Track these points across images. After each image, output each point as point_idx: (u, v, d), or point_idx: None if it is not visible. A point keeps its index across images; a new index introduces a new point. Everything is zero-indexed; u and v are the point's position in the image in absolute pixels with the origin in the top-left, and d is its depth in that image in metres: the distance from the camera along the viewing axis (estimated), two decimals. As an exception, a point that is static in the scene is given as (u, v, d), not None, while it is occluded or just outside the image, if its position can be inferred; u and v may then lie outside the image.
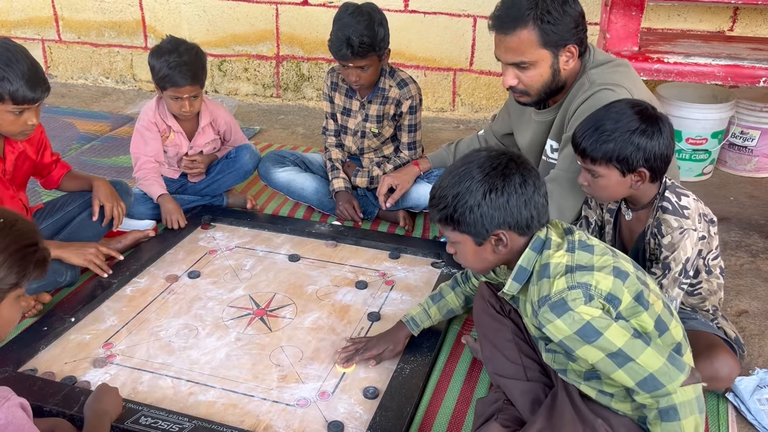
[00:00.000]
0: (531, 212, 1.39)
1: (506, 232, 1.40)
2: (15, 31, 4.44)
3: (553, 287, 1.33)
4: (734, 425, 1.70)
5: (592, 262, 1.35)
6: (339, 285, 2.25)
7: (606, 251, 1.39)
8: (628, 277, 1.35)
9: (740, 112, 3.12)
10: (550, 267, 1.37)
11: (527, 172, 1.40)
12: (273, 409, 1.72)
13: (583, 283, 1.32)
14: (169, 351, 1.93)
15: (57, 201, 2.35)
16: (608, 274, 1.33)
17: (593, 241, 1.42)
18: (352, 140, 2.72)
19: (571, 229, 1.45)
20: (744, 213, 2.82)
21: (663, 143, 1.62)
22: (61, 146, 3.41)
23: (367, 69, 2.47)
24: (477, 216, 1.38)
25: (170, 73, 2.43)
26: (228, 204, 2.79)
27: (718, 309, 1.84)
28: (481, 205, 1.37)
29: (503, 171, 1.38)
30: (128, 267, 2.28)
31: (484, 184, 1.37)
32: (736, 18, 3.40)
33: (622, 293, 1.33)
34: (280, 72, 4.12)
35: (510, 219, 1.38)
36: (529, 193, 1.38)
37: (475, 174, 1.38)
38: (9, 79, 1.85)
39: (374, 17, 2.42)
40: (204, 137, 2.69)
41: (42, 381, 1.75)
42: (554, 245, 1.40)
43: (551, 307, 1.32)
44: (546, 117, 2.06)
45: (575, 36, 1.85)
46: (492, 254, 1.44)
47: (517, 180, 1.38)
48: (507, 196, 1.37)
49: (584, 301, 1.30)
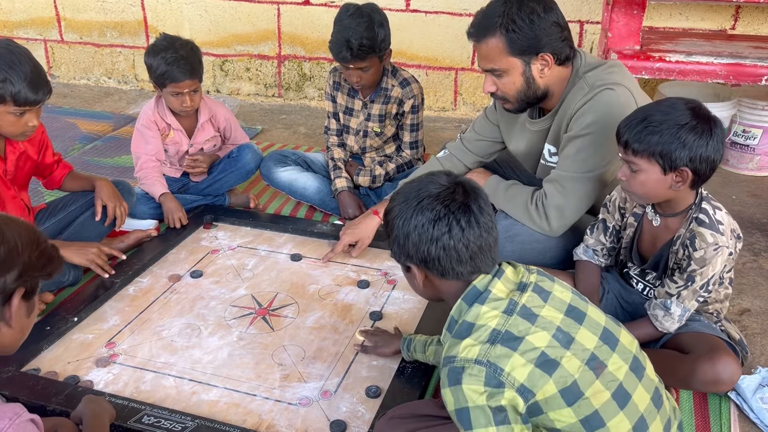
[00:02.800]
0: (438, 253, 1.26)
1: (419, 269, 1.32)
2: (17, 32, 4.45)
3: (462, 352, 1.20)
4: (736, 424, 1.70)
5: (522, 335, 1.19)
6: (341, 284, 2.25)
7: (550, 325, 1.22)
8: (557, 367, 1.19)
9: (742, 111, 3.12)
10: (472, 328, 1.22)
11: (453, 206, 1.26)
12: (275, 408, 1.72)
13: (493, 364, 1.17)
14: (172, 350, 1.94)
15: (59, 201, 2.36)
16: (529, 362, 1.18)
17: (544, 311, 1.24)
18: (355, 139, 2.72)
19: (527, 285, 1.28)
20: (746, 212, 2.81)
21: (712, 146, 1.53)
22: (64, 146, 3.42)
23: (368, 70, 2.47)
24: (402, 243, 1.30)
25: (169, 69, 2.44)
26: (230, 204, 2.80)
27: (721, 312, 1.83)
28: (396, 229, 1.30)
29: (428, 199, 1.28)
30: (131, 267, 2.28)
31: (401, 207, 1.29)
32: (738, 16, 3.40)
33: (540, 387, 1.18)
34: (282, 72, 4.13)
35: (416, 257, 1.29)
36: (438, 233, 1.25)
37: (405, 192, 1.31)
38: (11, 80, 1.86)
39: (374, 19, 2.41)
40: (203, 134, 2.69)
41: (45, 380, 1.76)
42: (490, 300, 1.24)
43: (449, 372, 1.20)
44: (541, 126, 2.05)
45: (548, 45, 1.85)
46: (422, 287, 1.36)
47: (430, 215, 1.26)
48: (414, 227, 1.27)
49: (482, 383, 1.16)
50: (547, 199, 1.96)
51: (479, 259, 1.27)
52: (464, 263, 1.27)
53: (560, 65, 1.91)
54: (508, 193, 2.09)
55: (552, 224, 1.96)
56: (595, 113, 1.86)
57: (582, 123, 1.88)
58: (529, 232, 2.00)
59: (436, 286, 1.34)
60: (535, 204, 1.99)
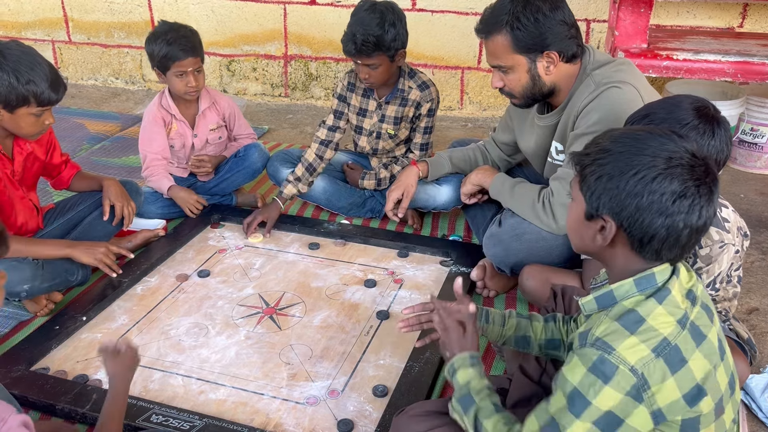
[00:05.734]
0: (659, 230, 1.09)
1: (614, 226, 1.13)
2: (25, 33, 4.47)
3: (624, 349, 1.06)
4: (745, 423, 1.70)
5: (686, 359, 1.06)
6: (348, 283, 2.26)
7: (713, 355, 1.11)
8: (699, 402, 1.08)
9: (750, 109, 3.10)
10: (642, 326, 1.08)
11: (702, 189, 1.09)
12: (283, 407, 1.72)
13: (645, 379, 1.05)
14: (180, 349, 1.94)
15: (68, 201, 2.37)
16: (679, 391, 1.06)
17: (711, 333, 1.11)
18: (367, 140, 2.71)
19: (696, 297, 1.14)
20: (754, 210, 2.80)
21: (714, 146, 1.50)
22: (72, 147, 3.44)
23: (376, 68, 2.45)
24: (602, 185, 1.12)
25: (170, 49, 2.47)
26: (237, 203, 2.81)
27: (729, 311, 1.82)
28: (617, 178, 1.10)
29: (681, 168, 1.09)
30: (139, 266, 2.29)
31: (642, 161, 1.09)
32: (746, 14, 3.38)
33: (674, 416, 1.08)
34: (289, 71, 4.13)
35: (624, 214, 1.11)
36: (677, 209, 1.08)
37: (651, 147, 1.11)
38: (35, 81, 1.88)
39: (386, 17, 2.37)
40: (206, 122, 2.70)
41: (54, 379, 1.77)
42: (669, 303, 1.10)
43: (599, 360, 1.07)
44: (549, 121, 2.06)
45: (554, 43, 1.86)
46: (591, 239, 1.18)
47: (678, 187, 1.07)
48: (651, 191, 1.08)
49: (624, 392, 1.05)
50: (554, 196, 1.96)
51: (686, 249, 1.13)
52: (675, 249, 1.11)
53: (567, 63, 1.92)
54: (515, 191, 2.09)
55: (559, 222, 1.96)
56: (601, 111, 1.86)
57: (588, 121, 1.88)
58: (536, 230, 2.00)
59: (614, 252, 1.16)
60: (542, 202, 1.99)
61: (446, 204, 2.54)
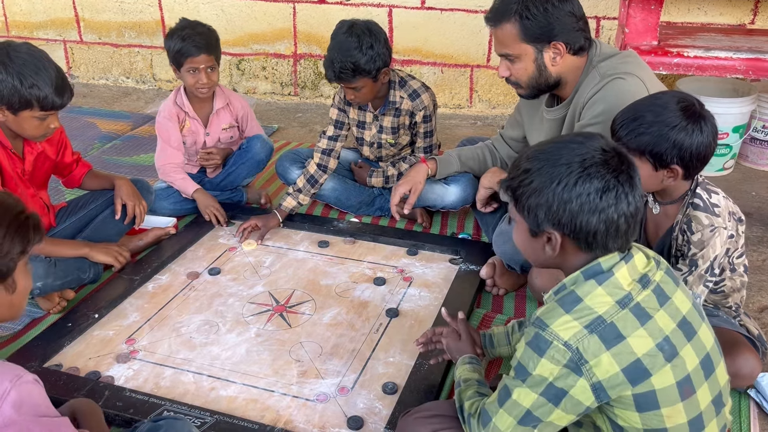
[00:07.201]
0: (598, 226, 1.16)
1: (558, 235, 1.21)
2: (37, 33, 4.50)
3: (556, 326, 1.15)
4: (756, 422, 1.69)
5: (625, 336, 1.13)
6: (357, 281, 2.26)
7: (659, 333, 1.15)
8: (646, 379, 1.14)
9: (762, 106, 3.08)
10: (577, 305, 1.16)
11: (622, 178, 1.17)
12: (293, 404, 1.73)
13: (580, 353, 1.12)
14: (191, 347, 1.96)
15: (80, 199, 2.39)
16: (618, 365, 1.13)
17: (658, 315, 1.16)
18: (369, 150, 2.72)
19: (650, 282, 1.19)
20: (766, 208, 2.78)
21: (702, 143, 1.56)
22: (83, 146, 3.46)
23: (360, 89, 2.41)
24: (534, 202, 1.20)
25: (184, 45, 2.49)
26: (248, 199, 2.83)
27: (740, 306, 1.82)
28: (544, 193, 1.18)
29: (597, 166, 1.16)
30: (150, 264, 2.31)
31: (560, 171, 1.17)
32: (758, 11, 3.36)
33: (618, 392, 1.14)
34: (298, 70, 4.14)
35: (563, 222, 1.18)
36: (606, 203, 1.15)
37: (564, 155, 1.18)
38: (38, 86, 1.89)
39: (363, 41, 2.31)
40: (219, 121, 2.72)
41: (67, 376, 1.79)
42: (609, 284, 1.17)
43: (535, 336, 1.17)
44: (557, 114, 2.06)
45: (561, 34, 1.87)
46: (542, 252, 1.25)
47: (599, 184, 1.15)
48: (577, 195, 1.16)
49: (561, 365, 1.13)
50: None
51: (629, 235, 1.19)
52: (619, 238, 1.18)
53: (574, 54, 1.92)
54: None
55: None
56: (605, 102, 1.86)
57: (593, 112, 1.88)
58: None
59: (566, 256, 1.23)
60: None
61: (454, 203, 2.54)
